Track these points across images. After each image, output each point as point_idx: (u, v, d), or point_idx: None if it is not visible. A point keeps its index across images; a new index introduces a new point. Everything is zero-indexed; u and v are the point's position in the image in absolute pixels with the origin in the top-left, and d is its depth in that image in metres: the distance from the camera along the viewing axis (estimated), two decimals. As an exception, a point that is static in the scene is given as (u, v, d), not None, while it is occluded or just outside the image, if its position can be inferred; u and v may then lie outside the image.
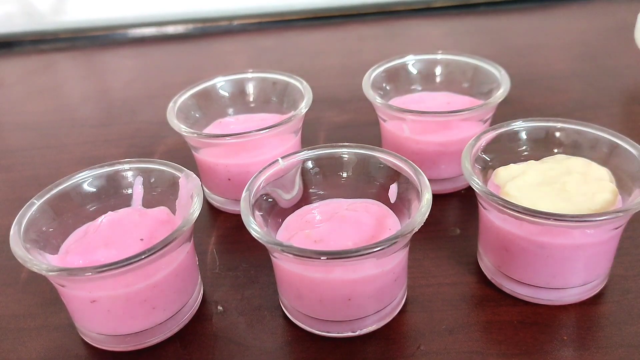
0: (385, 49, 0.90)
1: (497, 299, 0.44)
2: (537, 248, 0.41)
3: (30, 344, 0.44)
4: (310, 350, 0.42)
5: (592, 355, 0.39)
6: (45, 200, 0.44)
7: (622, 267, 0.46)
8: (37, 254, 0.41)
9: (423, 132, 0.54)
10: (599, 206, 0.41)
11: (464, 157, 0.44)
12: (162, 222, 0.44)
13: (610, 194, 0.42)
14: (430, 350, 0.41)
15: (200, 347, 0.42)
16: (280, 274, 0.42)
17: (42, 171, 0.66)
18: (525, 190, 0.42)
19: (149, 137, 0.70)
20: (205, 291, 0.47)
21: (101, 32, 1.02)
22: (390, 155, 0.45)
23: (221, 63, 0.93)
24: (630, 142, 0.44)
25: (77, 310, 0.42)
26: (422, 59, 0.62)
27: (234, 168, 0.54)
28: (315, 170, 0.47)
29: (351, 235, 0.42)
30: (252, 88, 0.61)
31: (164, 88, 0.82)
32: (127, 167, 0.47)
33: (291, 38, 1.00)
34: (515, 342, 0.41)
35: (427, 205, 0.39)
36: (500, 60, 0.59)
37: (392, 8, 1.04)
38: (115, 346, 0.42)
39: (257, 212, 0.42)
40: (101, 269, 0.37)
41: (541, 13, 1.00)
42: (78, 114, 0.80)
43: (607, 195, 0.41)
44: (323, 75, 0.83)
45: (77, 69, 0.97)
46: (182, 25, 1.02)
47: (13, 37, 1.02)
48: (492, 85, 0.57)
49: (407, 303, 0.45)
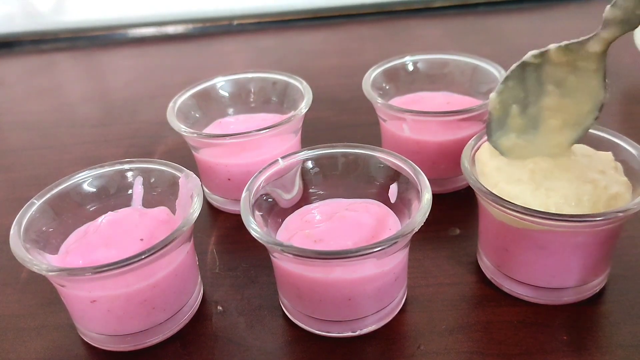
0: (385, 49, 0.90)
1: (497, 299, 0.44)
2: (537, 248, 0.41)
3: (30, 344, 0.44)
4: (310, 350, 0.42)
5: (591, 355, 0.39)
6: (45, 200, 0.44)
7: (621, 267, 0.46)
8: (37, 254, 0.41)
9: (423, 132, 0.54)
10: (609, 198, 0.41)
11: (464, 157, 0.44)
12: (162, 222, 0.44)
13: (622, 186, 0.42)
14: (430, 350, 0.41)
15: (200, 347, 0.42)
16: (280, 274, 0.42)
17: (42, 171, 0.66)
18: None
19: (149, 137, 0.70)
20: (205, 291, 0.47)
21: (101, 32, 1.02)
22: (390, 155, 0.45)
23: (221, 63, 0.93)
24: (630, 142, 0.44)
25: (77, 310, 0.42)
26: (422, 59, 0.62)
27: (234, 168, 0.54)
28: (315, 170, 0.47)
29: (351, 235, 0.42)
30: (252, 88, 0.61)
31: (164, 88, 0.82)
32: (127, 167, 0.47)
33: (291, 38, 1.00)
34: (515, 342, 0.41)
35: (427, 205, 0.39)
36: (500, 60, 0.59)
37: (392, 8, 1.04)
38: (115, 346, 0.42)
39: (257, 212, 0.42)
40: (101, 269, 0.37)
41: (541, 13, 1.00)
42: (78, 114, 0.80)
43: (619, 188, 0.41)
44: (323, 75, 0.83)
45: (77, 69, 0.97)
46: (182, 25, 1.02)
47: (13, 37, 1.02)
48: (491, 85, 0.57)
49: (407, 303, 0.45)
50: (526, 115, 0.44)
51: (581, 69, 0.41)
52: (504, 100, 0.44)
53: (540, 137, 0.44)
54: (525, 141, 0.44)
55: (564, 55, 0.41)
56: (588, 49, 0.40)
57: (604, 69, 0.41)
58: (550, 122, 0.44)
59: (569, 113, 0.43)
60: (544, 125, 0.44)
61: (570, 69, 0.42)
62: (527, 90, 0.44)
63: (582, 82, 0.42)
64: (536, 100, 0.44)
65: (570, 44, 0.41)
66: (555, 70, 0.42)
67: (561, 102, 0.43)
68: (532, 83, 0.43)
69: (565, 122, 0.43)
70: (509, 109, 0.44)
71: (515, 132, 0.44)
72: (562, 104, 0.43)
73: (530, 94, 0.44)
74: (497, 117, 0.44)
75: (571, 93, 0.43)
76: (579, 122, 0.43)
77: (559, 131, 0.44)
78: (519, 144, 0.44)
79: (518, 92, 0.44)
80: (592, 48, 0.40)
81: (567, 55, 0.41)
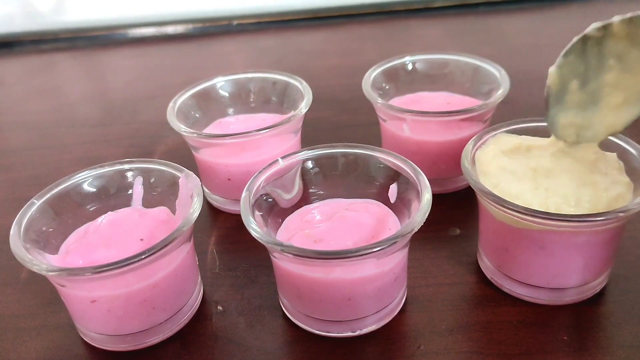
0: (385, 49, 0.90)
1: (497, 299, 0.44)
2: (537, 248, 0.41)
3: (30, 344, 0.44)
4: (310, 350, 0.42)
5: (592, 355, 0.39)
6: (45, 200, 0.44)
7: (622, 267, 0.46)
8: (37, 254, 0.41)
9: (423, 132, 0.54)
10: (611, 197, 0.40)
11: (464, 157, 0.44)
12: (162, 222, 0.44)
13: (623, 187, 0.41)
14: (430, 350, 0.41)
15: (200, 347, 0.42)
16: (280, 274, 0.42)
17: (42, 171, 0.66)
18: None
19: (149, 137, 0.70)
20: (205, 291, 0.47)
21: (101, 32, 1.02)
22: (390, 155, 0.45)
23: (221, 63, 0.93)
24: (630, 142, 0.44)
25: (77, 310, 0.42)
26: (422, 59, 0.62)
27: (234, 168, 0.54)
28: (315, 170, 0.47)
29: (351, 235, 0.41)
30: (252, 88, 0.61)
31: (164, 88, 0.82)
32: (127, 167, 0.47)
33: (291, 38, 1.00)
34: (515, 342, 0.41)
35: (427, 205, 0.39)
36: (500, 60, 0.59)
37: (392, 8, 1.04)
38: (115, 346, 0.42)
39: (257, 212, 0.42)
40: (101, 269, 0.37)
41: (541, 13, 1.00)
42: (78, 114, 0.80)
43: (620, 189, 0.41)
44: (323, 75, 0.83)
45: (77, 69, 0.97)
46: (182, 25, 1.02)
47: (13, 37, 1.02)
48: (492, 85, 0.57)
49: (407, 303, 0.45)
50: (586, 91, 0.43)
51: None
52: (563, 75, 0.43)
53: (600, 115, 0.43)
54: (583, 118, 0.43)
55: (628, 28, 0.40)
56: None
57: None
58: (611, 99, 0.42)
59: (631, 89, 0.41)
60: (604, 101, 0.42)
61: (634, 43, 0.40)
62: (588, 65, 0.42)
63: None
64: (597, 75, 0.42)
65: (635, 16, 0.39)
66: (618, 44, 0.40)
67: (622, 78, 0.41)
68: (593, 57, 0.42)
69: (626, 99, 0.42)
70: (568, 84, 0.43)
71: (574, 109, 0.43)
72: (624, 80, 0.41)
73: (590, 68, 0.42)
74: (555, 92, 0.43)
75: (633, 68, 0.41)
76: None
77: (619, 108, 0.42)
78: (576, 122, 0.43)
79: (578, 66, 0.42)
80: None
81: (630, 28, 0.40)
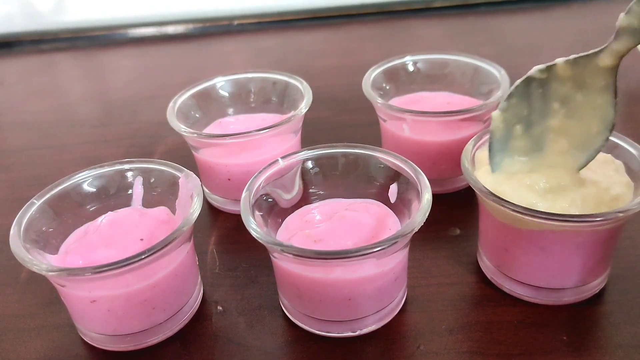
0: (385, 49, 0.90)
1: (497, 299, 0.44)
2: (537, 248, 0.41)
3: (30, 344, 0.44)
4: (310, 350, 0.42)
5: (591, 355, 0.39)
6: (45, 200, 0.44)
7: (622, 268, 0.46)
8: (37, 254, 0.41)
9: (423, 132, 0.54)
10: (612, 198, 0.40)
11: (464, 157, 0.44)
12: (162, 222, 0.44)
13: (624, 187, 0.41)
14: (430, 350, 0.41)
15: (200, 347, 0.42)
16: (280, 274, 0.42)
17: (42, 171, 0.66)
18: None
19: (149, 137, 0.70)
20: (205, 291, 0.47)
21: (101, 32, 1.02)
22: (390, 155, 0.45)
23: (221, 63, 0.93)
24: (630, 142, 0.44)
25: (77, 310, 0.42)
26: (422, 59, 0.62)
27: (234, 168, 0.54)
28: (315, 170, 0.47)
29: (351, 235, 0.42)
30: (252, 88, 0.61)
31: (164, 88, 0.82)
32: (127, 167, 0.47)
33: (291, 38, 1.00)
34: (515, 342, 0.41)
35: (427, 205, 0.39)
36: (500, 60, 0.59)
37: (392, 8, 1.04)
38: (115, 346, 0.42)
39: (257, 212, 0.42)
40: (101, 269, 0.37)
41: (541, 13, 1.00)
42: (78, 114, 0.80)
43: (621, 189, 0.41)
44: (323, 75, 0.83)
45: (77, 69, 0.97)
46: (182, 25, 1.03)
47: (13, 37, 1.02)
48: (492, 86, 0.57)
49: (407, 303, 0.45)
50: (530, 136, 0.42)
51: (588, 87, 0.39)
52: (507, 119, 0.42)
53: (546, 160, 0.42)
54: (529, 165, 0.42)
55: (571, 70, 0.39)
56: (598, 63, 0.38)
57: (614, 84, 0.39)
58: (555, 146, 0.41)
59: (575, 135, 0.41)
60: (549, 147, 0.42)
61: (577, 86, 0.39)
62: (532, 108, 0.41)
63: (589, 101, 0.39)
64: (541, 119, 0.41)
65: (578, 57, 0.38)
66: (562, 87, 0.40)
67: (566, 123, 0.41)
68: (537, 100, 0.41)
69: (571, 144, 0.41)
70: (511, 129, 0.42)
71: (518, 155, 0.42)
72: (568, 125, 0.41)
73: (534, 112, 0.41)
74: (499, 138, 0.42)
75: (577, 113, 0.40)
76: (587, 144, 0.41)
77: (565, 154, 0.41)
78: (523, 169, 0.42)
79: (522, 109, 0.41)
80: (602, 62, 0.38)
81: (574, 70, 0.39)
